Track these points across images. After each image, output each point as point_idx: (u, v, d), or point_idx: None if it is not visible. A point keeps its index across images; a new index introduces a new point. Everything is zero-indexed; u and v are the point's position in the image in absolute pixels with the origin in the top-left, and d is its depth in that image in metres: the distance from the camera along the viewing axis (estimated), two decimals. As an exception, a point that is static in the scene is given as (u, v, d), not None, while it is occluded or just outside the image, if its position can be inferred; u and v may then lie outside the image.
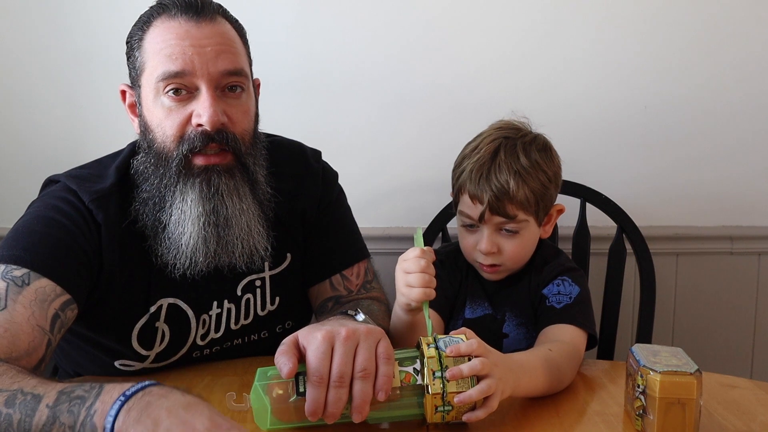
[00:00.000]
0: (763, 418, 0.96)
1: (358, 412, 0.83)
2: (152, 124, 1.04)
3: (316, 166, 1.23)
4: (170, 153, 1.02)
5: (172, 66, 1.00)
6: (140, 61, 1.04)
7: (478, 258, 1.24)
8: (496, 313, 1.29)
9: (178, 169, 1.02)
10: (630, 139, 1.68)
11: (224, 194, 1.03)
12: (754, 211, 1.71)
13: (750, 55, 1.65)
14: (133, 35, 1.07)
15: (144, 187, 1.06)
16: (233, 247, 1.05)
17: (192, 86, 1.01)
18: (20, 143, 1.68)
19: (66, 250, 0.99)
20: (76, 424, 0.74)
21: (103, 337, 1.08)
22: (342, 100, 1.67)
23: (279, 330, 1.19)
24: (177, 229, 1.03)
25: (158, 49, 1.02)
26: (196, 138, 1.01)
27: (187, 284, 1.09)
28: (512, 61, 1.65)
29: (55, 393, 0.77)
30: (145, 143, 1.06)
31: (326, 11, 1.64)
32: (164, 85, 1.01)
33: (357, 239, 1.26)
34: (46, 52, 1.64)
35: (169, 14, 1.03)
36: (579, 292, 1.21)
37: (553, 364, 1.02)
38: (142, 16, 1.07)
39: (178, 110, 1.02)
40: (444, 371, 0.86)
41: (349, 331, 0.85)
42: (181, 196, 1.03)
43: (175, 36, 1.01)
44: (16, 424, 0.76)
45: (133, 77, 1.07)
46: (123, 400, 0.73)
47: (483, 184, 1.20)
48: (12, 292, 0.91)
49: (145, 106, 1.05)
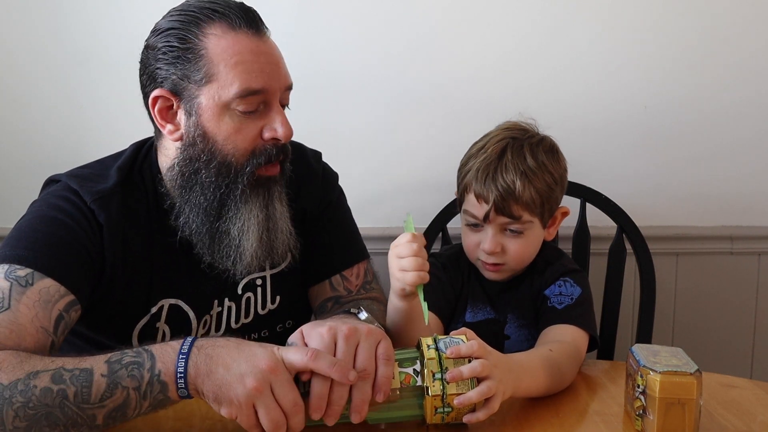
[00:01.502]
0: (763, 418, 0.96)
1: (357, 412, 0.84)
2: (216, 136, 1.02)
3: (317, 166, 1.24)
4: (239, 165, 1.03)
5: (254, 84, 1.00)
6: (205, 70, 1.00)
7: (481, 257, 1.24)
8: (498, 316, 1.29)
9: (249, 180, 1.04)
10: (630, 139, 1.68)
11: (275, 201, 1.08)
12: (754, 211, 1.71)
13: (750, 55, 1.65)
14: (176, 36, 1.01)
15: (193, 195, 1.05)
16: (277, 248, 1.09)
17: (265, 102, 1.03)
18: (21, 143, 1.68)
19: (69, 249, 0.99)
20: (142, 384, 0.82)
21: (103, 336, 1.08)
22: (342, 100, 1.67)
23: (279, 329, 1.19)
24: (240, 236, 1.05)
25: (233, 63, 0.99)
26: (273, 152, 1.04)
27: (189, 284, 1.09)
28: (512, 62, 1.65)
29: (103, 363, 0.83)
30: (199, 153, 1.03)
31: (327, 11, 1.64)
32: (242, 101, 1.00)
33: (357, 240, 1.26)
34: (46, 52, 1.64)
35: (230, 24, 1.01)
36: (581, 294, 1.21)
37: (554, 364, 1.02)
38: (187, 15, 1.02)
39: (249, 125, 1.03)
40: (444, 373, 0.86)
41: (351, 329, 0.87)
42: (246, 206, 1.05)
43: (249, 51, 1.00)
44: (72, 397, 0.80)
45: (184, 83, 1.01)
46: (185, 358, 0.82)
47: (489, 183, 1.19)
48: (15, 293, 0.91)
49: (204, 116, 1.02)
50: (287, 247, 1.11)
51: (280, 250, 1.10)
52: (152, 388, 0.81)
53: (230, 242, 1.06)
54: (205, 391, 0.82)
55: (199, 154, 1.04)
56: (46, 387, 0.80)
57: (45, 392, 0.80)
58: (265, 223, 1.06)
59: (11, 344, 0.88)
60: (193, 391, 0.83)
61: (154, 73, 1.04)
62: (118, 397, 0.81)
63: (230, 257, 1.06)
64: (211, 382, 0.81)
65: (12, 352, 0.84)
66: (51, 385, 0.80)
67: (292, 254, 1.18)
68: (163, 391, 0.82)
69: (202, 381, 0.82)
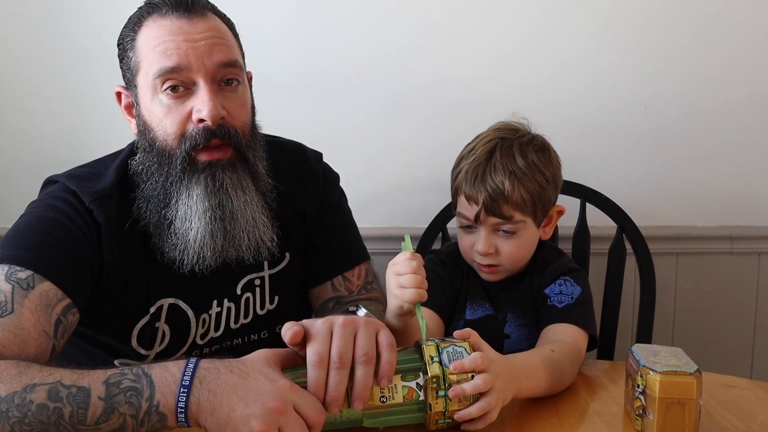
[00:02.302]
0: (763, 418, 0.96)
1: (360, 399, 0.82)
2: (152, 122, 1.04)
3: (317, 167, 1.23)
4: (173, 151, 1.02)
5: (167, 62, 1.00)
6: (134, 61, 1.04)
7: (476, 258, 1.24)
8: (498, 314, 1.29)
9: (183, 166, 1.02)
10: (630, 139, 1.68)
11: (228, 188, 1.03)
12: (754, 211, 1.71)
13: (750, 54, 1.65)
14: (124, 36, 1.07)
15: (146, 186, 1.05)
16: (240, 241, 1.06)
17: (189, 82, 1.01)
18: (20, 143, 1.68)
19: (67, 251, 0.98)
20: (139, 413, 0.79)
21: (103, 336, 1.08)
22: (341, 99, 1.67)
23: (278, 330, 1.19)
24: (183, 225, 1.03)
25: (152, 46, 1.01)
26: (198, 134, 1.01)
27: (188, 283, 1.09)
28: (512, 61, 1.65)
29: (101, 385, 0.80)
30: (145, 142, 1.06)
31: (325, 11, 1.64)
32: (161, 81, 1.01)
33: (358, 241, 1.26)
34: (46, 52, 1.65)
35: (160, 13, 1.03)
36: (581, 293, 1.21)
37: (555, 365, 1.02)
38: (132, 17, 1.07)
39: (177, 107, 1.02)
40: (447, 390, 0.86)
41: (347, 319, 0.86)
42: (187, 192, 1.03)
43: (168, 32, 1.01)
44: (68, 417, 0.78)
45: (128, 78, 1.07)
46: (186, 393, 0.78)
47: (478, 184, 1.20)
48: (18, 296, 0.91)
49: (143, 105, 1.05)
50: (258, 239, 1.07)
51: (245, 243, 1.06)
52: (150, 417, 0.79)
53: (175, 230, 1.04)
54: (207, 426, 0.79)
55: (145, 144, 1.05)
56: (42, 404, 0.78)
57: (41, 409, 0.78)
58: (215, 211, 1.03)
59: (15, 348, 0.87)
60: (193, 424, 0.80)
61: (122, 74, 1.09)
62: (114, 422, 0.79)
63: (177, 247, 1.04)
64: (214, 420, 0.78)
65: (12, 362, 0.83)
66: (47, 402, 0.78)
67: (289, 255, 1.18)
68: (162, 421, 0.79)
69: (204, 418, 0.79)
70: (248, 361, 0.83)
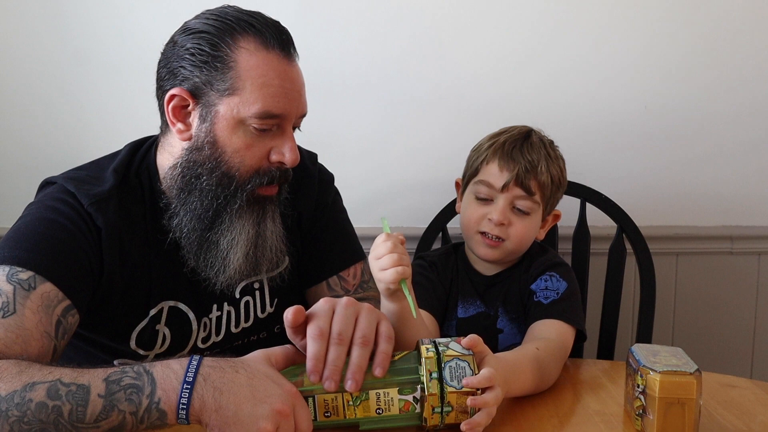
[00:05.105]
0: (763, 418, 0.96)
1: (354, 380, 0.84)
2: (225, 146, 1.03)
3: (312, 168, 1.23)
4: (242, 180, 1.04)
5: (274, 108, 1.01)
6: (231, 83, 1.00)
7: (486, 228, 1.25)
8: (489, 310, 1.30)
9: (248, 197, 1.04)
10: (630, 139, 1.68)
11: (267, 219, 1.08)
12: (754, 211, 1.71)
13: (750, 55, 1.65)
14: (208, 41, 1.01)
15: (190, 199, 1.05)
16: (261, 265, 1.10)
17: (279, 125, 1.04)
18: (20, 143, 1.68)
19: (68, 252, 0.98)
20: (139, 410, 0.79)
21: (103, 338, 1.08)
22: (341, 100, 1.67)
23: (277, 330, 1.19)
24: (228, 249, 1.06)
25: (259, 83, 1.00)
26: (276, 175, 1.05)
27: (188, 287, 1.09)
28: (512, 62, 1.65)
29: (101, 382, 0.80)
30: (201, 157, 1.04)
31: (326, 12, 1.64)
32: (259, 121, 1.01)
33: (353, 240, 1.26)
34: (46, 52, 1.64)
35: (264, 42, 1.01)
36: (567, 288, 1.23)
37: (541, 364, 1.04)
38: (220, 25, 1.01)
39: (259, 143, 1.03)
40: (445, 407, 0.85)
41: (350, 300, 0.89)
42: (240, 221, 1.05)
43: (276, 74, 1.01)
44: (67, 415, 0.78)
45: (201, 87, 1.01)
46: (189, 389, 0.79)
47: (516, 154, 1.25)
48: (20, 297, 0.91)
49: (217, 124, 1.02)
50: (273, 263, 1.12)
51: (265, 267, 1.11)
52: (149, 414, 0.79)
53: (218, 253, 1.06)
54: (210, 423, 0.79)
55: (204, 159, 1.03)
56: (41, 402, 0.78)
57: (40, 407, 0.78)
58: (254, 240, 1.06)
59: (18, 349, 0.87)
60: (194, 421, 0.80)
61: (175, 71, 1.03)
62: (113, 419, 0.79)
63: (214, 268, 1.06)
64: (219, 417, 0.79)
65: (13, 362, 0.83)
66: (46, 401, 0.78)
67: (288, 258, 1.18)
68: (161, 418, 0.80)
69: (208, 415, 0.79)
70: (251, 361, 0.85)
